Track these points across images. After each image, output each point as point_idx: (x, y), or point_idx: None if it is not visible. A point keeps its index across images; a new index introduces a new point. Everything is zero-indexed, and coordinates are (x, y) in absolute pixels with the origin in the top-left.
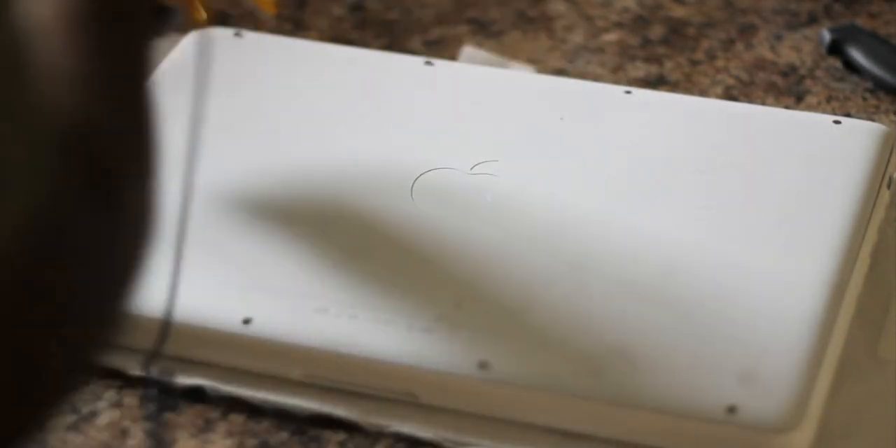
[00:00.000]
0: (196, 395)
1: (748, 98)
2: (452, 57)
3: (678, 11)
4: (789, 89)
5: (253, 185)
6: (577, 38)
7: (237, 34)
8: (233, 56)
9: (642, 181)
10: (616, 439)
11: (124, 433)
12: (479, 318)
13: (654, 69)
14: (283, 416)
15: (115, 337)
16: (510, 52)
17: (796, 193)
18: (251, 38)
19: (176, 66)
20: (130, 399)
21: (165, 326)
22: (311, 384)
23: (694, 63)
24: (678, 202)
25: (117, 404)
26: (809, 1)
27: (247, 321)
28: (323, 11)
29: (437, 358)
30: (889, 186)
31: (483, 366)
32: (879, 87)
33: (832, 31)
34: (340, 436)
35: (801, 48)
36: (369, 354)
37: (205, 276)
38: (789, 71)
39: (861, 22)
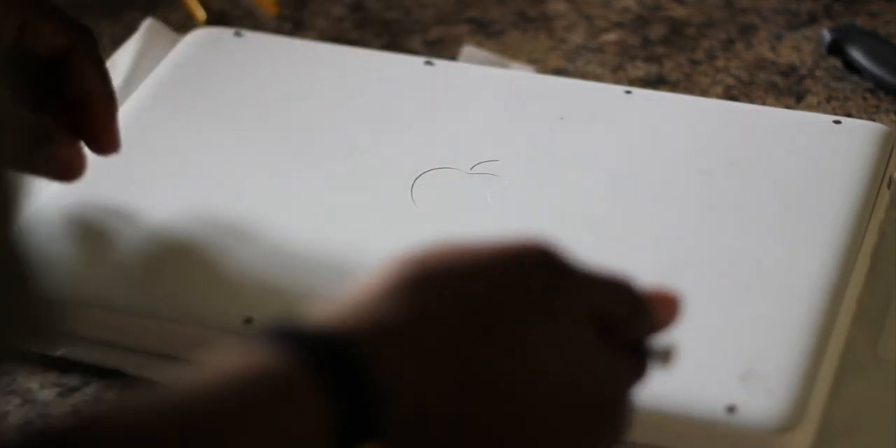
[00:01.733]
0: None
1: (748, 98)
2: (452, 57)
3: (678, 11)
4: (789, 89)
5: (253, 185)
6: (577, 38)
7: (237, 34)
8: (233, 56)
9: (642, 181)
10: None
11: None
12: None
13: (654, 69)
14: None
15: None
16: (510, 52)
17: (796, 193)
18: (251, 38)
19: (175, 65)
20: None
21: None
22: None
23: (694, 63)
24: (678, 202)
25: None
26: (809, 1)
27: (247, 321)
28: (323, 11)
29: None
30: (889, 186)
31: None
32: (879, 87)
33: (832, 31)
34: None
35: (801, 48)
36: None
37: (205, 276)
38: (789, 71)
39: (861, 22)
